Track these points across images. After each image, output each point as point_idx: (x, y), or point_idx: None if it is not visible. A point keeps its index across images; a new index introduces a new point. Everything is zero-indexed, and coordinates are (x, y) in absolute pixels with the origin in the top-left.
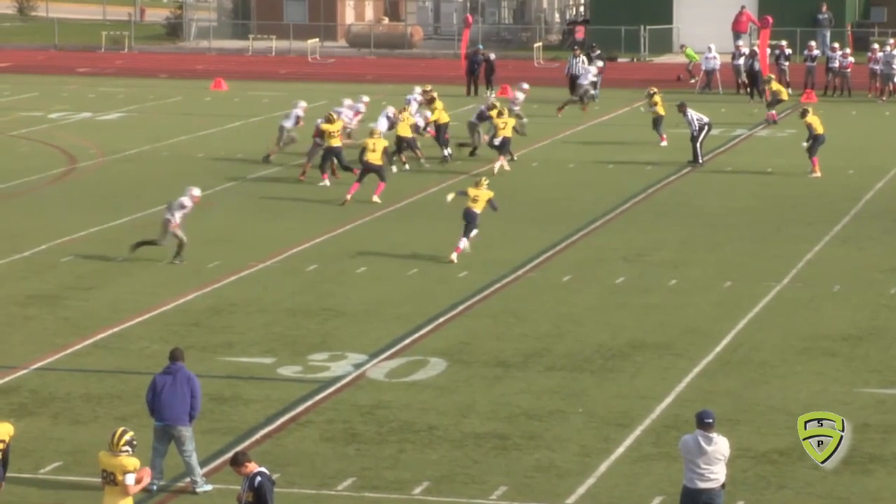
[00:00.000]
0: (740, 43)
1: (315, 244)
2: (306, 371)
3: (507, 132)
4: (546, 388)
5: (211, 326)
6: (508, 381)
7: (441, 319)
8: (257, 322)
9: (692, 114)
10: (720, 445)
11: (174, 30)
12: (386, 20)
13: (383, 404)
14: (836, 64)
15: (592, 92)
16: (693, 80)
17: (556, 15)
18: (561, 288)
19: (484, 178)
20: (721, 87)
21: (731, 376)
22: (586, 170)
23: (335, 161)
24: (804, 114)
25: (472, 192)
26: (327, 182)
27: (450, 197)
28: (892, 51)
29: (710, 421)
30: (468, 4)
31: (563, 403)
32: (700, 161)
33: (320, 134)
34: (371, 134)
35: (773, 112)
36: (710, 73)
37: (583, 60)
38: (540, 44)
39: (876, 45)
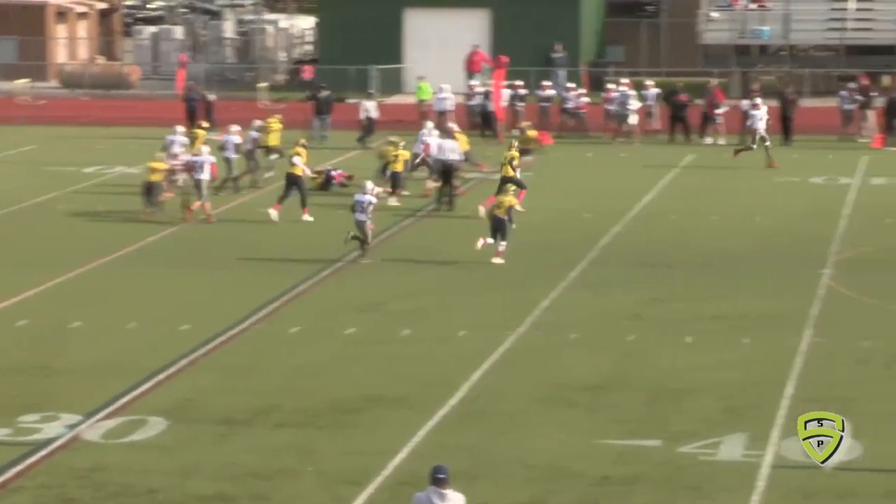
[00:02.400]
0: (474, 83)
1: (28, 296)
2: (16, 433)
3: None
4: (275, 446)
5: None
6: (235, 438)
7: (163, 375)
8: None
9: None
10: (454, 502)
11: None
12: (101, 59)
13: (100, 467)
14: (571, 104)
15: (768, 143)
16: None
17: (283, 54)
18: (291, 340)
19: (510, 185)
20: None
21: (468, 429)
22: (319, 215)
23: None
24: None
25: (498, 198)
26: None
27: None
28: (627, 91)
29: (444, 476)
30: (188, 43)
31: (294, 461)
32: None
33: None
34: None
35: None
36: (442, 114)
37: (374, 105)
38: (265, 84)
39: (611, 85)
